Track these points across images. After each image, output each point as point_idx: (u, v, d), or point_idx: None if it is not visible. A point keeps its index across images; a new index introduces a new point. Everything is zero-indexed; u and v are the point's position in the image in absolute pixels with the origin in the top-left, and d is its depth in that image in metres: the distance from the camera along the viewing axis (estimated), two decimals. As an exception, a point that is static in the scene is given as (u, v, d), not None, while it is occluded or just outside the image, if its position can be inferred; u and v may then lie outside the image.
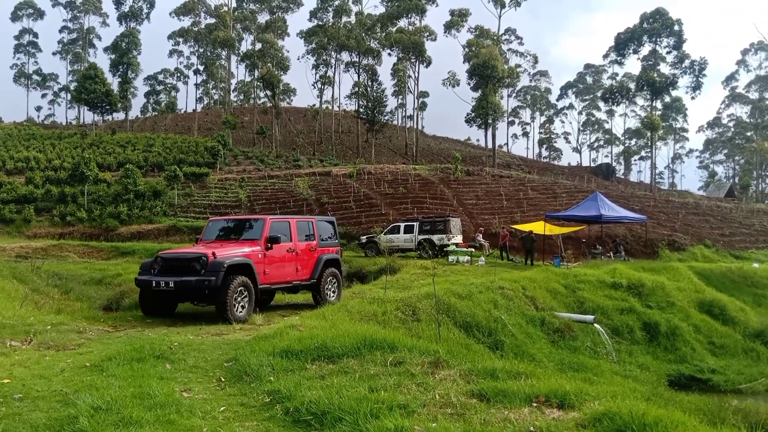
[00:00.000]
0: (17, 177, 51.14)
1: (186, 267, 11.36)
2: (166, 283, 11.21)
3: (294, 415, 5.32)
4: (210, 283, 10.88)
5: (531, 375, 6.23)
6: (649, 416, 4.58)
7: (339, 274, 14.38)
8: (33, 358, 7.75)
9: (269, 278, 12.36)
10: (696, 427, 4.48)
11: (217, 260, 11.14)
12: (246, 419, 5.38)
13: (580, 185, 50.90)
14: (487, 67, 61.19)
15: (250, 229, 12.90)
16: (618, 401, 5.04)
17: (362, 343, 7.39)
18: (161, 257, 11.86)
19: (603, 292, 20.91)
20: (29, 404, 5.56)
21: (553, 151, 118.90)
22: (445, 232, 29.38)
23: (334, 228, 14.93)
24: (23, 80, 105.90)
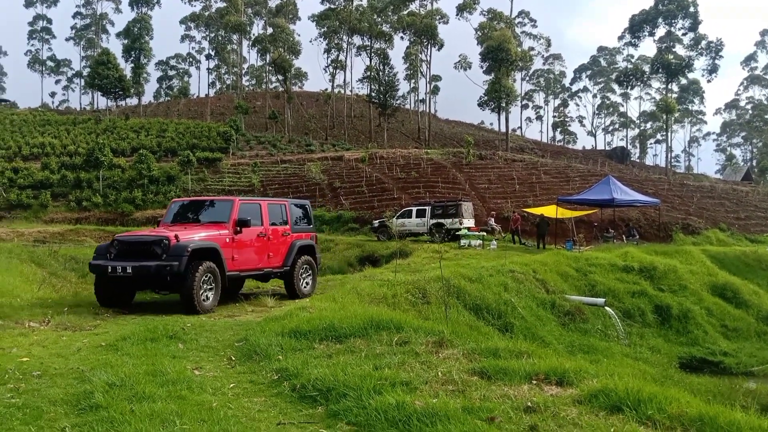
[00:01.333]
0: (33, 163, 51.66)
1: (145, 251, 10.34)
2: (123, 269, 10.09)
3: (300, 392, 5.49)
4: (172, 269, 9.90)
5: (533, 354, 6.35)
6: (644, 392, 4.71)
7: (314, 262, 13.41)
8: (51, 339, 7.99)
9: (238, 264, 11.41)
10: (689, 402, 4.59)
11: (180, 244, 10.16)
12: (254, 395, 5.56)
13: (593, 169, 50.72)
14: (500, 50, 60.86)
15: (218, 211, 11.81)
16: (615, 379, 5.16)
17: (369, 323, 7.54)
18: (118, 240, 10.81)
19: (614, 275, 20.94)
20: (47, 381, 5.77)
21: (567, 135, 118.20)
22: (457, 216, 29.45)
23: (308, 212, 14.01)
24: (37, 66, 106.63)
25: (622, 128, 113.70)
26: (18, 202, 44.44)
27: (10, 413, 4.74)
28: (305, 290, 13.03)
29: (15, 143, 56.94)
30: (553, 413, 4.56)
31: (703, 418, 4.31)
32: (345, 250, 28.69)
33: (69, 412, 4.90)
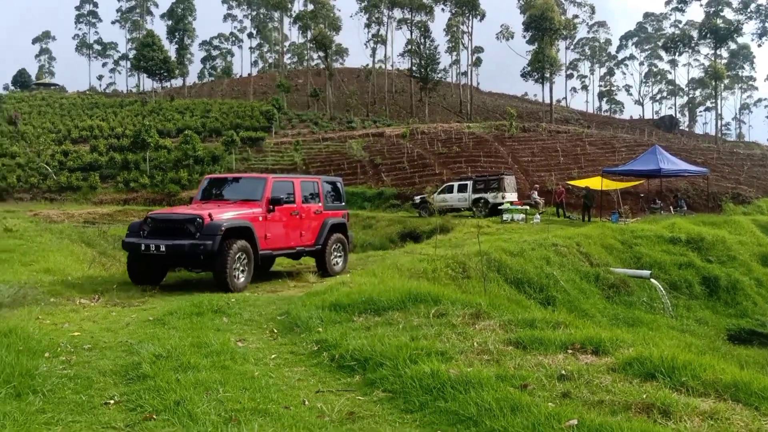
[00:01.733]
0: (82, 145, 53.11)
1: (179, 229, 10.27)
2: (156, 247, 10.01)
3: (339, 362, 5.63)
4: (206, 248, 9.81)
5: (570, 325, 6.37)
6: (678, 360, 4.70)
7: (346, 240, 13.33)
8: (101, 314, 8.30)
9: (270, 243, 11.29)
10: (724, 369, 4.57)
11: (213, 222, 10.07)
12: (294, 365, 5.73)
13: (639, 139, 49.64)
14: (543, 18, 59.78)
15: (251, 189, 11.62)
16: (650, 347, 5.16)
17: (407, 296, 7.63)
18: (151, 218, 10.75)
19: (661, 247, 20.56)
20: (97, 353, 6.03)
21: (614, 105, 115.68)
22: (499, 190, 29.23)
23: (340, 190, 13.82)
24: (85, 50, 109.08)
25: (670, 96, 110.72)
26: (68, 185, 45.83)
27: (62, 383, 4.98)
28: (337, 268, 12.92)
29: (64, 127, 58.59)
30: (587, 381, 4.60)
31: (737, 384, 4.30)
32: (386, 227, 28.83)
33: (117, 382, 5.12)
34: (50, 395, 4.69)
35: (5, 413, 4.14)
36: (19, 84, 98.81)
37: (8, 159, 49.13)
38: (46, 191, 45.37)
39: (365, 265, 13.99)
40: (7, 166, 47.72)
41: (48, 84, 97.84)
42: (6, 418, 4.05)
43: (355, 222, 31.25)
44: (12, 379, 4.76)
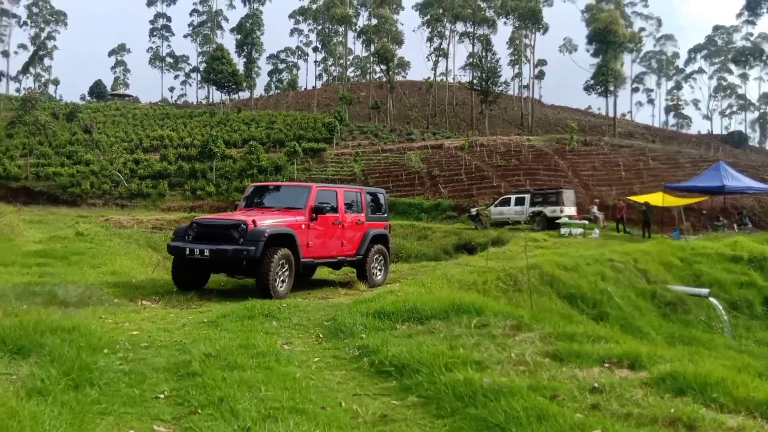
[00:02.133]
0: (152, 154, 55.11)
1: (223, 234, 10.37)
2: (200, 251, 10.16)
3: (378, 367, 5.82)
4: (249, 254, 9.86)
5: (610, 339, 6.38)
6: (712, 376, 4.71)
7: (387, 251, 13.20)
8: (159, 315, 8.72)
9: (312, 252, 11.30)
10: (758, 387, 4.55)
11: (257, 229, 10.13)
12: (336, 369, 5.94)
13: (705, 154, 48.18)
14: (607, 32, 58.87)
15: (295, 197, 11.69)
16: (685, 363, 5.16)
17: (450, 306, 7.76)
18: (196, 223, 10.90)
19: (722, 265, 20.02)
20: (153, 351, 6.38)
21: (681, 119, 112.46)
22: (558, 204, 28.91)
23: (384, 201, 13.78)
24: (157, 62, 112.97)
25: (740, 111, 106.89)
26: (138, 192, 47.63)
27: (117, 377, 5.32)
28: (377, 279, 12.81)
29: (137, 136, 60.93)
30: (618, 394, 4.65)
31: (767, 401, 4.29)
32: (442, 238, 28.91)
33: (169, 378, 5.43)
34: (106, 388, 5.01)
35: (63, 402, 4.47)
36: (95, 94, 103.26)
37: (83, 166, 51.41)
38: (118, 198, 47.26)
39: (416, 275, 14.11)
40: (82, 173, 49.93)
41: (122, 95, 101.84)
42: (63, 407, 4.38)
43: (410, 233, 31.47)
44: (71, 372, 5.10)
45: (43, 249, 16.05)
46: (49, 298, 9.10)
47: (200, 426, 4.25)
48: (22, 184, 48.35)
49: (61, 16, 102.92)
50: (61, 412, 4.25)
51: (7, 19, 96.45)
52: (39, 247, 16.86)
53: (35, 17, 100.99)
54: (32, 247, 16.92)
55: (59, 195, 46.95)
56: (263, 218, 10.62)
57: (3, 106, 74.60)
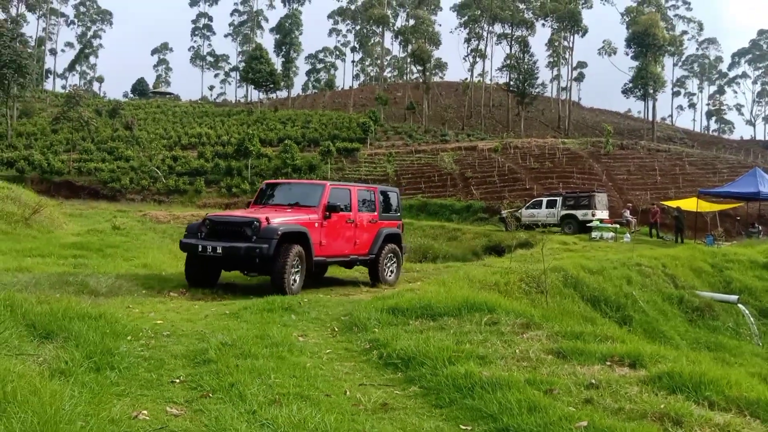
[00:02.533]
0: (190, 151, 56.14)
1: (236, 232, 10.32)
2: (213, 248, 10.11)
3: (386, 359, 6.01)
4: (261, 251, 9.83)
5: (616, 339, 6.47)
6: (707, 376, 4.79)
7: (399, 251, 13.10)
8: (184, 306, 9.05)
9: (325, 250, 11.21)
10: (752, 387, 4.62)
11: (270, 226, 10.06)
12: (345, 360, 6.16)
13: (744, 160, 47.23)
14: (646, 35, 58.13)
15: (308, 195, 11.63)
16: (682, 363, 5.24)
17: (463, 304, 7.92)
18: (210, 219, 10.85)
19: (754, 272, 19.71)
20: (174, 340, 6.67)
21: (723, 124, 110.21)
22: (590, 208, 28.73)
23: (397, 200, 13.63)
24: (198, 61, 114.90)
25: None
26: (175, 188, 48.60)
27: (137, 362, 5.61)
28: (389, 279, 12.73)
29: (176, 133, 62.11)
30: (613, 390, 4.77)
31: (760, 401, 4.37)
32: (471, 240, 28.97)
33: (186, 364, 5.70)
34: (125, 372, 5.30)
35: (83, 383, 4.75)
36: (137, 92, 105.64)
37: (123, 162, 52.64)
38: (155, 193, 48.31)
39: (439, 275, 14.24)
40: (122, 169, 51.14)
41: (164, 93, 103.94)
42: (84, 387, 4.66)
43: (440, 234, 31.59)
44: (94, 356, 5.40)
45: (80, 241, 16.63)
46: (80, 287, 9.51)
47: (210, 408, 4.48)
48: (65, 179, 49.72)
49: (107, 15, 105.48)
50: (81, 392, 4.52)
51: (55, 18, 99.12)
52: (76, 239, 17.48)
53: (82, 16, 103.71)
54: (70, 239, 17.55)
55: (100, 190, 48.19)
56: (276, 216, 10.52)
57: (49, 103, 76.73)
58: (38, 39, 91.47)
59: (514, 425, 4.12)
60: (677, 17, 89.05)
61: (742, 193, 26.28)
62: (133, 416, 4.28)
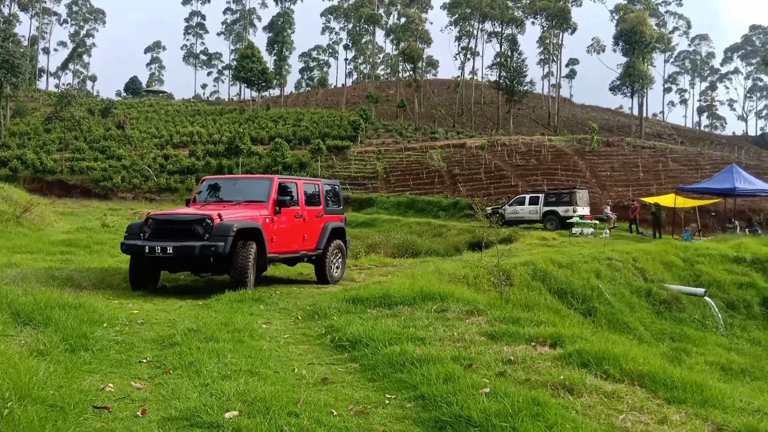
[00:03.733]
0: (182, 150, 56.69)
1: (185, 230, 9.76)
2: (163, 249, 9.50)
3: (337, 342, 6.63)
4: (217, 249, 9.36)
5: (550, 323, 7.11)
6: (610, 352, 5.44)
7: (344, 246, 12.65)
8: (162, 298, 9.67)
9: (276, 246, 10.73)
10: (647, 361, 5.26)
11: (224, 223, 9.61)
12: (301, 344, 6.77)
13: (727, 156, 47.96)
14: (634, 32, 58.80)
15: (256, 190, 11.12)
16: (592, 342, 5.88)
17: (419, 294, 8.54)
18: (154, 219, 10.18)
19: (723, 266, 20.36)
20: (147, 327, 7.27)
21: (715, 120, 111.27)
22: (571, 204, 29.34)
23: (339, 193, 13.17)
24: (191, 60, 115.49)
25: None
26: (167, 186, 49.16)
27: (109, 346, 6.22)
28: (336, 275, 12.25)
29: (167, 132, 62.60)
30: (527, 365, 5.41)
31: (649, 373, 5.02)
32: (456, 236, 29.53)
33: (154, 347, 6.31)
34: (98, 353, 5.91)
35: (59, 361, 5.37)
36: (130, 91, 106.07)
37: (115, 161, 53.16)
38: (147, 191, 48.84)
39: (412, 269, 14.81)
40: (114, 168, 51.67)
41: (157, 91, 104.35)
42: (58, 365, 5.26)
43: (426, 230, 32.20)
44: (70, 339, 6.00)
45: (69, 239, 17.22)
46: (65, 281, 10.08)
47: (169, 383, 5.10)
48: (57, 178, 50.25)
49: (100, 14, 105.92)
50: (56, 368, 5.13)
51: (48, 17, 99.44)
52: (65, 236, 18.06)
53: (75, 15, 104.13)
54: (59, 236, 18.12)
55: (92, 188, 48.72)
56: (227, 212, 10.08)
57: (42, 102, 77.11)
58: (31, 38, 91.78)
59: (429, 393, 4.75)
60: (668, 14, 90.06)
61: (719, 189, 26.95)
62: (101, 388, 4.90)
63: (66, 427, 3.87)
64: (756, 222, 30.73)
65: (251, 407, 4.35)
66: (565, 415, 4.13)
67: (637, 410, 4.38)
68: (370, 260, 17.09)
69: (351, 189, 46.38)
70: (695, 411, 4.41)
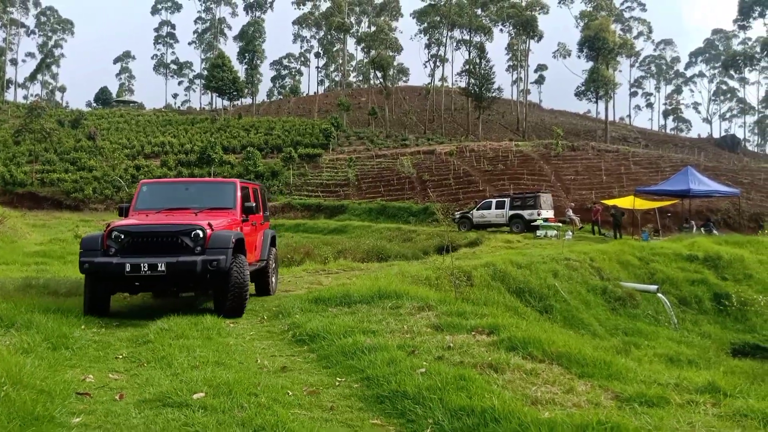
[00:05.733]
0: (153, 160, 56.82)
1: (169, 244, 8.25)
2: (151, 267, 7.94)
3: (298, 337, 7.29)
4: (219, 264, 8.08)
5: (491, 316, 7.83)
6: (535, 337, 6.17)
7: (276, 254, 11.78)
8: (138, 302, 10.23)
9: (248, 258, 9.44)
10: (567, 344, 6.00)
11: (220, 234, 8.39)
12: (265, 339, 7.41)
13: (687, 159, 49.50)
14: (597, 39, 60.30)
15: (217, 196, 9.82)
16: (521, 329, 6.62)
17: (377, 293, 9.22)
18: (124, 231, 8.37)
19: (677, 264, 21.30)
20: (122, 328, 7.86)
21: (680, 123, 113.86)
22: (535, 208, 30.26)
23: (266, 198, 12.18)
24: (162, 69, 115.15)
25: (740, 115, 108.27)
26: (139, 197, 49.22)
27: (88, 344, 6.83)
28: (274, 285, 11.34)
29: (138, 142, 62.62)
30: (464, 350, 6.11)
31: (566, 354, 5.76)
32: (425, 240, 30.28)
33: (129, 345, 6.91)
34: (78, 351, 6.52)
35: (42, 357, 5.97)
36: (101, 101, 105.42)
37: (86, 172, 53.15)
38: (119, 203, 48.81)
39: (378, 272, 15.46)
40: (85, 179, 51.66)
41: (127, 101, 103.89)
42: (42, 360, 5.86)
43: (396, 235, 32.93)
44: (51, 339, 6.61)
45: (43, 250, 17.65)
46: (42, 289, 10.62)
47: (143, 374, 5.72)
48: (28, 190, 50.13)
49: (68, 24, 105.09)
50: (41, 363, 5.74)
51: (15, 28, 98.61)
52: (39, 248, 18.46)
53: (43, 26, 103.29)
54: (33, 248, 18.52)
55: (63, 200, 48.68)
56: (211, 221, 8.64)
57: (11, 114, 76.51)
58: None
59: (374, 374, 5.43)
60: (633, 19, 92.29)
61: (675, 191, 28.07)
62: (82, 379, 5.52)
63: (54, 408, 4.48)
64: (712, 222, 31.94)
65: (216, 390, 4.98)
66: (487, 388, 4.82)
67: (550, 383, 5.10)
68: (339, 265, 17.68)
69: (323, 196, 46.98)
70: (600, 383, 5.14)
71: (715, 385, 5.03)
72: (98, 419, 4.47)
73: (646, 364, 8.98)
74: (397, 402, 4.80)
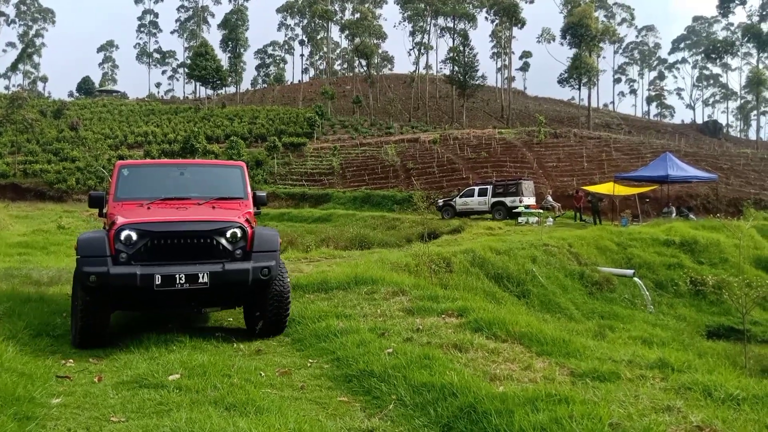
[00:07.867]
0: (137, 150, 56.56)
1: (200, 247, 6.37)
2: (190, 278, 6.10)
3: (273, 322, 7.52)
4: (270, 272, 6.44)
5: (462, 299, 8.09)
6: (499, 319, 6.44)
7: None
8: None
9: None
10: (529, 324, 6.27)
11: (264, 233, 6.80)
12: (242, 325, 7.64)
13: (667, 145, 49.98)
14: (580, 26, 60.55)
15: (221, 183, 7.88)
16: (488, 312, 6.88)
17: (353, 279, 9.44)
18: (145, 230, 6.27)
19: (654, 249, 21.70)
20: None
21: (664, 109, 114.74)
22: (517, 195, 30.55)
23: None
24: (145, 58, 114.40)
25: (723, 100, 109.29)
26: (123, 187, 49.07)
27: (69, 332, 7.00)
28: None
29: (122, 132, 62.30)
30: (432, 332, 6.36)
31: (527, 333, 6.03)
32: (409, 228, 30.48)
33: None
34: (59, 338, 6.73)
35: (24, 343, 6.17)
36: (83, 91, 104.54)
37: (69, 163, 52.84)
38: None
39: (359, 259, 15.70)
40: (68, 170, 51.38)
41: (110, 91, 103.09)
42: (25, 346, 6.07)
43: (381, 223, 33.16)
44: (33, 327, 6.82)
45: (26, 241, 17.71)
46: (25, 279, 10.77)
47: (121, 358, 5.95)
48: (10, 181, 49.79)
49: (49, 14, 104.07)
50: (24, 349, 5.94)
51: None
52: (22, 239, 18.52)
53: (23, 15, 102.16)
54: (16, 239, 18.57)
55: (46, 191, 48.43)
56: (236, 214, 6.97)
57: (-9, 105, 75.74)
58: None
59: (344, 355, 5.68)
60: (617, 5, 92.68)
61: (653, 177, 28.46)
62: (63, 364, 5.73)
63: (34, 389, 4.70)
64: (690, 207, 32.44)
65: (192, 371, 5.21)
66: (449, 366, 5.08)
67: (510, 361, 5.37)
68: (320, 253, 17.86)
69: (308, 185, 47.07)
70: (557, 360, 5.41)
71: (665, 361, 5.31)
72: (77, 400, 4.69)
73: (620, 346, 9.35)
74: (364, 380, 5.05)
